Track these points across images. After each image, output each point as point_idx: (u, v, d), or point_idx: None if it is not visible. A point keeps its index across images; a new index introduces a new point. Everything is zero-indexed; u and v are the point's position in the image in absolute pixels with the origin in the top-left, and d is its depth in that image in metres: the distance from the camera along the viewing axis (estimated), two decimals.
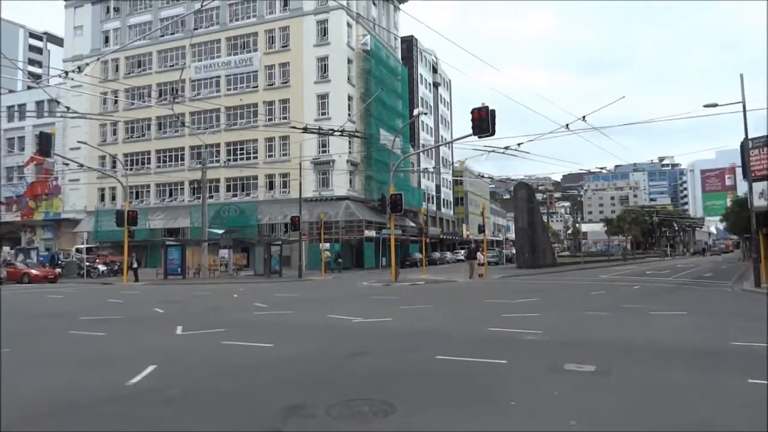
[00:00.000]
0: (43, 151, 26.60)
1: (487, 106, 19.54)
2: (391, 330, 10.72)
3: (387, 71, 52.86)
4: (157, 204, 51.89)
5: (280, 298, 18.68)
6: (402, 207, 26.39)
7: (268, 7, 50.32)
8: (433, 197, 72.38)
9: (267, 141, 48.48)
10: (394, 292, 21.04)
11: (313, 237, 42.27)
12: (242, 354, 8.24)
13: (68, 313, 14.34)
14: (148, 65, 54.40)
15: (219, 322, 12.01)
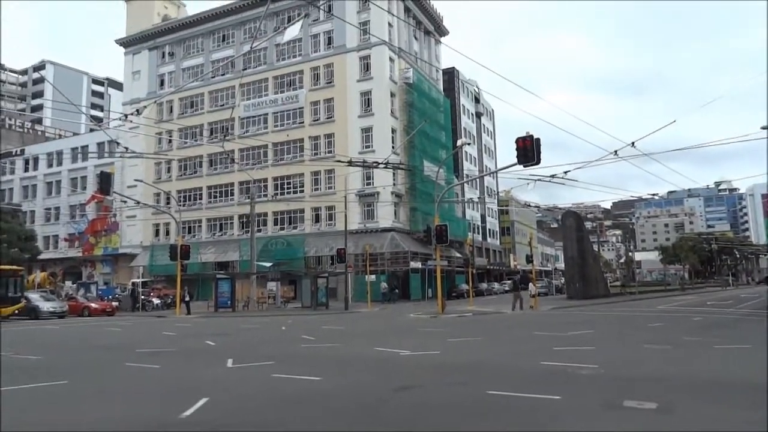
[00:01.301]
0: (103, 190, 27.99)
1: (532, 135, 19.38)
2: (439, 363, 10.54)
3: (429, 103, 53.40)
4: (208, 238, 53.44)
5: (327, 330, 18.72)
6: (447, 238, 26.22)
7: (312, 45, 52.05)
8: (479, 227, 71.66)
9: (313, 175, 49.46)
10: (441, 324, 20.75)
11: (358, 269, 42.41)
12: (291, 387, 8.26)
13: (125, 346, 14.80)
14: (200, 105, 56.90)
15: (268, 354, 12.12)
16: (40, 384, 8.94)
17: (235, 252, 49.60)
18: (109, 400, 7.77)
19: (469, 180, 63.53)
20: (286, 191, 50.72)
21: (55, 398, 8.02)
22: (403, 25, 52.61)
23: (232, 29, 56.32)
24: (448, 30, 61.92)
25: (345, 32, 49.61)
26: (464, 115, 70.53)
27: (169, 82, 59.30)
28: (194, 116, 56.61)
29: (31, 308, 29.46)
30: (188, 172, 56.21)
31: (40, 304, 30.22)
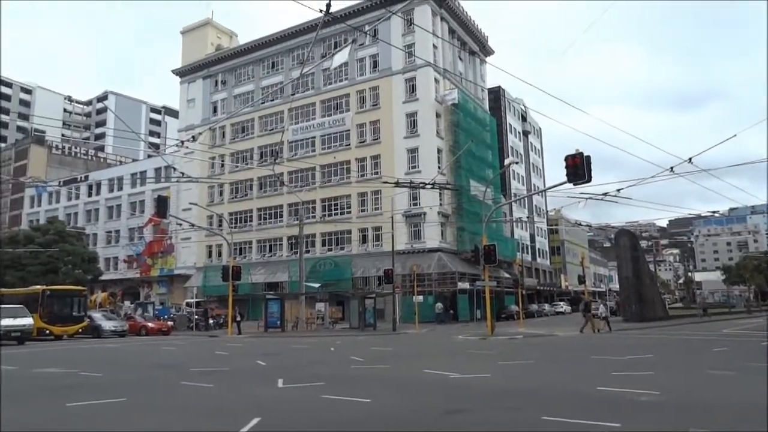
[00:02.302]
0: (160, 213, 29.14)
1: (582, 153, 18.97)
2: (490, 387, 10.32)
3: (475, 123, 53.24)
4: (258, 259, 54.60)
5: (375, 351, 18.67)
6: (496, 258, 25.84)
7: (358, 69, 53.03)
8: (528, 247, 70.27)
9: (360, 196, 49.95)
10: (491, 346, 20.34)
11: (406, 289, 42.26)
12: (341, 408, 8.27)
13: (180, 365, 15.21)
14: (250, 130, 58.72)
15: (318, 375, 12.19)
16: (101, 401, 9.29)
17: (284, 273, 50.42)
18: (166, 418, 7.98)
19: (517, 199, 62.63)
20: (333, 212, 51.38)
21: (115, 415, 8.31)
22: (448, 46, 52.95)
23: (281, 56, 58.13)
24: (493, 50, 61.89)
25: (390, 55, 50.35)
26: (511, 134, 69.88)
27: (222, 108, 61.59)
28: (245, 141, 58.44)
29: (94, 327, 30.62)
30: (239, 194, 57.84)
31: (102, 323, 31.41)
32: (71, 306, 30.39)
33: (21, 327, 24.97)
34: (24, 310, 26.37)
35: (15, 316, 25.27)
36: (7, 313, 25.10)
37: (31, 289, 31.96)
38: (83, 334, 30.00)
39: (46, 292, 29.67)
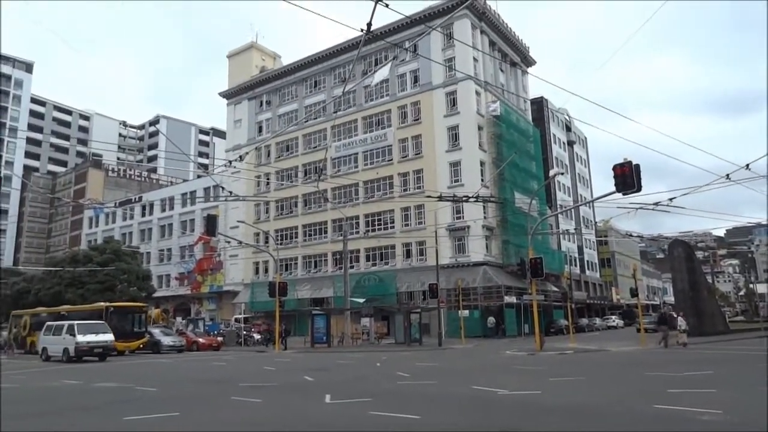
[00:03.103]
0: (210, 231, 29.96)
1: (630, 161, 18.46)
2: (541, 404, 10.06)
3: (518, 134, 52.63)
4: (303, 275, 55.29)
5: (422, 367, 18.53)
6: (543, 271, 25.30)
7: (399, 85, 53.45)
8: (576, 259, 68.51)
9: (403, 211, 50.02)
10: (540, 361, 19.86)
11: (451, 304, 41.86)
12: (390, 425, 8.24)
13: (230, 380, 15.52)
14: (294, 148, 59.92)
15: (365, 391, 12.19)
16: (156, 415, 9.58)
17: (329, 288, 50.85)
18: None
19: (564, 210, 61.29)
20: (377, 228, 51.60)
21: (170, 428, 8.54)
22: (489, 58, 52.75)
23: (323, 75, 59.27)
24: (534, 60, 61.27)
25: (430, 70, 50.55)
26: (555, 144, 68.67)
27: (267, 128, 63.16)
28: (290, 159, 59.64)
29: (153, 343, 31.52)
30: (285, 212, 58.90)
31: (161, 339, 32.21)
32: (133, 322, 31.32)
33: (103, 343, 25.16)
34: (104, 325, 26.62)
35: (96, 332, 25.49)
36: (87, 329, 25.36)
37: (94, 306, 33.17)
38: (143, 349, 30.86)
39: (110, 309, 30.63)
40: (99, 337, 25.18)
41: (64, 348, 24.93)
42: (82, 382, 15.90)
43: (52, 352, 26.01)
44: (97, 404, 11.37)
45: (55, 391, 14.01)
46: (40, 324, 32.94)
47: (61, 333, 25.63)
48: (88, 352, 24.69)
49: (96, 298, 43.71)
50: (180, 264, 67.11)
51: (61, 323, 26.53)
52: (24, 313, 37.47)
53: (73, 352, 24.36)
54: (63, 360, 24.75)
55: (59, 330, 25.92)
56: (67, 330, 25.26)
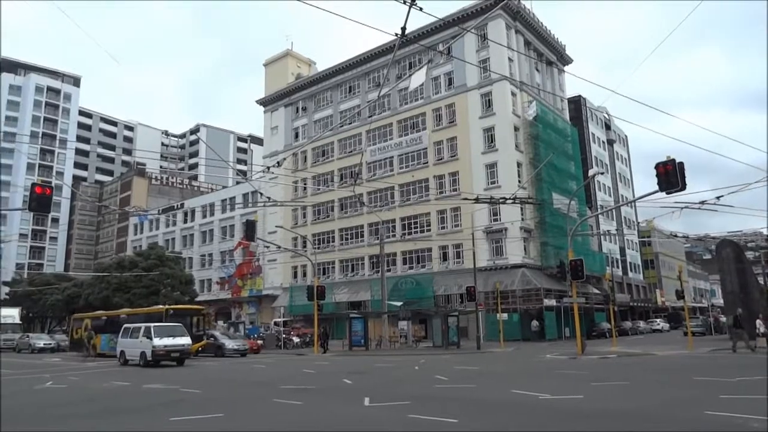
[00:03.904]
0: (249, 236, 30.62)
1: (674, 159, 17.94)
2: (583, 409, 9.87)
3: (556, 134, 51.75)
4: (341, 279, 55.70)
5: (460, 370, 18.42)
6: (584, 273, 24.77)
7: (434, 88, 53.34)
8: (618, 261, 66.77)
9: (439, 213, 49.84)
10: (582, 365, 19.45)
11: (489, 307, 41.44)
12: (429, 428, 8.24)
13: (271, 382, 15.78)
14: (330, 153, 60.52)
15: (403, 394, 12.21)
16: (200, 416, 9.85)
17: (366, 292, 51.05)
18: None
19: (604, 211, 59.84)
20: (413, 231, 51.56)
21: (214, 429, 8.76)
22: (524, 58, 52.11)
23: (358, 80, 59.71)
24: (571, 58, 60.18)
25: (465, 72, 50.28)
26: (594, 144, 67.23)
27: (303, 134, 64.02)
28: (326, 164, 60.25)
29: (217, 346, 30.65)
30: (322, 216, 59.52)
31: (225, 342, 31.32)
32: (191, 325, 30.16)
33: (180, 347, 23.59)
34: (182, 328, 25.08)
35: (173, 335, 23.83)
36: (164, 332, 23.84)
37: (154, 309, 33.32)
38: (205, 353, 30.14)
39: (169, 311, 30.12)
40: (176, 340, 23.63)
41: (141, 352, 23.51)
42: (130, 383, 16.45)
43: (129, 356, 24.59)
44: (144, 405, 11.75)
45: (104, 392, 14.54)
46: (100, 327, 33.94)
47: (138, 336, 24.19)
48: (165, 356, 23.22)
49: (141, 302, 45.12)
50: (221, 269, 68.58)
51: (138, 325, 25.02)
52: (84, 317, 37.82)
53: (150, 356, 22.91)
54: (140, 364, 23.35)
55: (136, 332, 24.44)
56: (144, 333, 23.79)
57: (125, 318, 32.46)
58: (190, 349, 24.53)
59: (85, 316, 38.39)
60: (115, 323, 32.48)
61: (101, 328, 33.99)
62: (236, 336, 34.79)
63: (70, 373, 20.85)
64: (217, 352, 30.48)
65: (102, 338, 33.07)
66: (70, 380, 18.10)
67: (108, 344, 32.32)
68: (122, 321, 31.01)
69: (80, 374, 20.53)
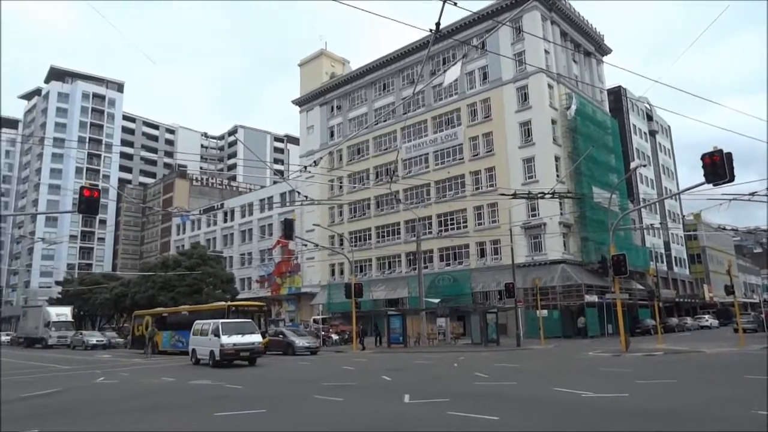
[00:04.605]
0: (287, 235, 31.10)
1: (721, 149, 17.30)
2: (629, 408, 9.67)
3: (595, 126, 50.56)
4: (378, 276, 55.93)
5: (500, 368, 18.27)
6: (626, 268, 24.17)
7: (468, 83, 52.86)
8: (663, 256, 64.80)
9: (475, 210, 49.43)
10: (626, 363, 19.01)
11: (528, 303, 40.90)
12: (470, 425, 8.23)
13: (313, 379, 16.02)
14: (365, 151, 60.77)
15: (443, 391, 12.21)
16: (244, 411, 10.10)
17: (404, 289, 51.13)
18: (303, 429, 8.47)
19: (647, 204, 58.12)
20: (450, 227, 51.30)
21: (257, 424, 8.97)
22: (561, 50, 51.09)
23: (392, 77, 59.72)
24: (610, 48, 58.64)
25: (500, 65, 49.65)
26: (636, 135, 65.38)
27: (338, 132, 64.49)
28: (361, 162, 60.55)
29: (287, 344, 29.55)
30: (358, 214, 59.87)
31: (295, 340, 29.92)
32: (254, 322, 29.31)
33: (250, 346, 21.66)
34: (252, 325, 23.57)
35: (242, 332, 22.00)
36: (233, 329, 21.97)
37: (216, 305, 32.83)
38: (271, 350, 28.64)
39: (231, 308, 29.55)
40: (246, 338, 21.70)
41: (210, 351, 21.69)
42: (176, 379, 16.98)
43: (200, 355, 22.71)
44: (191, 401, 12.12)
45: (152, 388, 15.06)
46: (162, 324, 33.87)
47: (207, 334, 22.42)
48: (235, 356, 21.33)
49: (185, 300, 46.34)
50: (260, 267, 69.82)
51: (208, 322, 23.29)
52: (145, 314, 37.64)
53: (219, 355, 21.04)
54: (210, 364, 21.47)
55: (206, 330, 22.72)
56: (213, 330, 21.96)
57: (187, 315, 31.86)
58: (261, 348, 22.66)
59: (145, 313, 38.14)
60: (177, 321, 32.57)
61: (163, 325, 33.91)
62: (305, 333, 33.53)
63: (122, 369, 21.66)
64: (287, 350, 29.28)
65: (163, 335, 33.01)
66: (121, 376, 18.81)
67: (169, 342, 32.55)
68: (185, 318, 30.67)
69: (130, 370, 21.31)
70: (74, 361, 27.94)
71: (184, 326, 30.06)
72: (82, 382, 17.05)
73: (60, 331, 44.85)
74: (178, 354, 29.84)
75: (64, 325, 45.84)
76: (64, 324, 45.89)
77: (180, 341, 30.90)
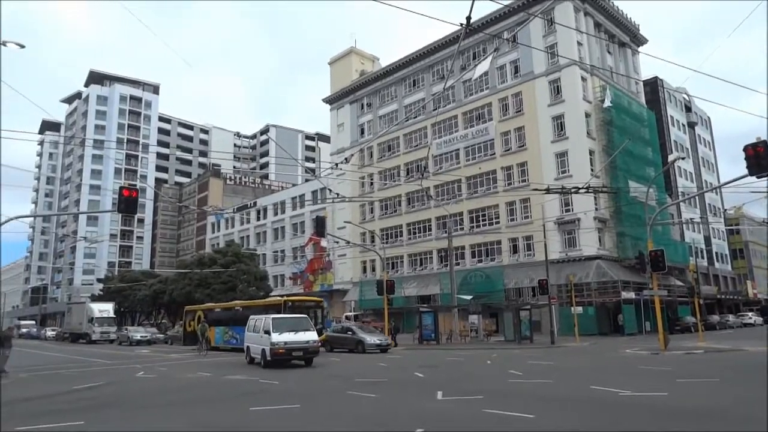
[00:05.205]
0: (319, 233, 31.37)
1: (765, 141, 16.71)
2: (668, 406, 9.43)
3: (631, 119, 49.32)
4: (409, 273, 55.91)
5: (534, 365, 18.06)
6: (665, 264, 23.54)
7: (499, 77, 52.24)
8: (703, 251, 62.90)
9: (508, 205, 48.89)
10: (665, 361, 18.54)
11: (563, 300, 40.27)
12: (505, 423, 8.16)
13: (345, 375, 16.15)
14: (396, 148, 60.74)
15: (476, 388, 12.14)
16: (278, 406, 10.26)
17: (435, 285, 50.99)
18: (337, 425, 8.55)
19: (686, 198, 56.45)
20: (481, 223, 50.88)
21: (290, 420, 9.10)
22: (594, 41, 49.99)
23: (422, 73, 59.49)
24: (645, 38, 57.06)
25: (531, 59, 48.91)
26: (673, 127, 63.55)
27: (369, 130, 64.63)
28: (392, 159, 60.55)
29: (357, 341, 27.75)
30: (389, 211, 59.92)
31: (365, 337, 27.92)
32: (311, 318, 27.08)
33: (303, 344, 19.25)
34: (307, 321, 20.89)
35: (295, 329, 19.50)
36: (284, 325, 19.57)
37: (272, 300, 32.55)
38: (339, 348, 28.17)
39: (288, 303, 28.60)
40: (299, 335, 19.32)
41: (261, 349, 19.57)
42: (212, 374, 17.35)
43: (254, 354, 20.51)
44: (227, 395, 12.36)
45: (190, 382, 15.42)
46: (214, 319, 33.52)
47: (259, 330, 20.24)
48: (286, 356, 19.00)
49: (221, 297, 47.22)
50: (293, 264, 70.64)
51: (261, 317, 21.05)
52: (197, 309, 37.25)
53: (270, 355, 18.90)
54: (261, 365, 19.38)
55: (258, 326, 20.54)
56: (264, 326, 19.77)
57: (240, 311, 30.90)
58: (316, 347, 20.01)
59: (197, 308, 37.51)
60: (231, 316, 32.13)
61: (215, 320, 33.52)
62: (374, 330, 31.83)
63: (160, 364, 22.24)
64: (357, 347, 27.49)
65: (216, 331, 32.61)
66: (159, 371, 19.32)
67: (222, 338, 32.17)
68: (239, 314, 29.81)
69: (168, 365, 21.86)
70: (115, 356, 28.84)
71: (237, 322, 29.79)
72: (123, 376, 17.59)
73: (103, 326, 46.27)
74: (230, 351, 29.61)
75: (107, 321, 47.26)
76: (107, 320, 47.31)
77: (234, 338, 30.50)
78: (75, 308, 52.66)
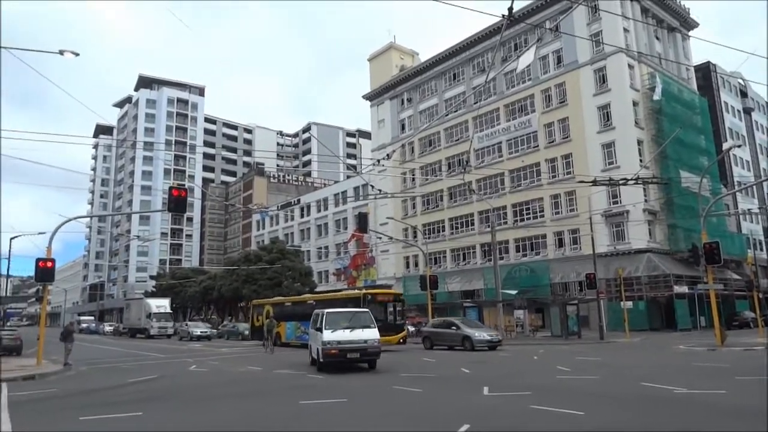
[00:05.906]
0: (362, 228, 31.72)
1: None
2: (726, 405, 9.08)
3: (681, 106, 47.43)
4: (453, 268, 55.60)
5: (582, 361, 17.70)
6: (720, 257, 22.57)
7: (542, 67, 51.16)
8: (762, 243, 59.94)
9: (552, 198, 47.93)
10: (722, 358, 17.83)
11: (611, 295, 39.22)
12: (553, 420, 8.05)
13: (391, 370, 16.24)
14: (437, 143, 60.42)
15: (523, 384, 12.01)
16: (327, 400, 10.43)
17: (479, 280, 50.55)
18: (383, 420, 8.63)
19: (743, 188, 53.90)
20: (525, 217, 50.07)
21: (338, 414, 9.24)
22: (641, 26, 48.27)
23: (462, 67, 58.91)
24: (696, 22, 54.70)
25: (575, 48, 47.68)
26: (728, 114, 60.74)
27: (409, 125, 64.52)
28: (433, 153, 60.27)
29: (464, 337, 25.59)
30: (431, 206, 59.71)
31: (473, 333, 25.62)
32: (391, 313, 26.87)
33: (361, 345, 16.23)
34: (368, 316, 17.68)
35: (352, 326, 16.60)
36: (339, 321, 16.77)
37: (349, 293, 32.07)
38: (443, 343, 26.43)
39: (367, 297, 26.82)
40: (355, 333, 16.37)
41: (316, 348, 17.24)
42: (261, 368, 17.77)
43: (313, 353, 18.09)
44: (278, 389, 12.66)
45: (240, 376, 15.86)
46: (284, 314, 32.31)
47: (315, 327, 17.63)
48: (340, 358, 16.08)
49: (267, 293, 48.26)
50: (336, 260, 71.38)
51: (322, 312, 17.53)
52: (265, 303, 36.37)
53: (321, 355, 16.23)
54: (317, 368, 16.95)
55: (315, 323, 17.85)
56: (318, 323, 17.14)
57: (313, 304, 28.47)
58: (378, 347, 16.72)
59: (265, 302, 36.30)
60: (302, 311, 29.53)
61: (286, 315, 32.24)
62: (481, 326, 29.68)
63: (211, 359, 22.95)
64: (464, 343, 25.35)
65: (287, 326, 31.50)
66: (210, 365, 19.95)
67: (294, 333, 30.91)
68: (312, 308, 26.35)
69: (219, 359, 22.54)
70: (168, 350, 29.93)
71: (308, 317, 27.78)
72: (177, 369, 18.25)
73: (160, 322, 47.79)
74: (300, 347, 27.80)
75: (164, 316, 48.79)
76: (164, 315, 48.84)
77: (306, 333, 27.34)
78: (133, 304, 54.29)
